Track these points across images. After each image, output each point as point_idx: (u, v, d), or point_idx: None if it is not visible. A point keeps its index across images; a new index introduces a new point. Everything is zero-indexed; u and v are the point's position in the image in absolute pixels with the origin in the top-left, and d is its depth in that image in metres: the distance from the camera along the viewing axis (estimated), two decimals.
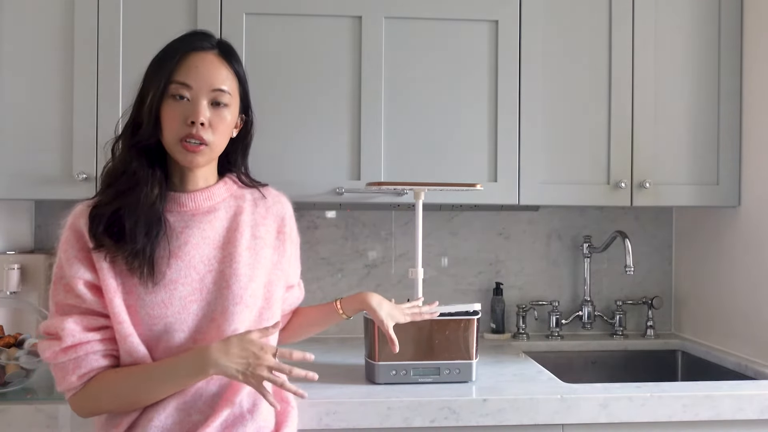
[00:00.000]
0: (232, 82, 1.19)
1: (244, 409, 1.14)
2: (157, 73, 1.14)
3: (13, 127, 1.64)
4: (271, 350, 1.07)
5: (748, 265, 1.80)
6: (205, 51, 1.17)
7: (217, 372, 1.06)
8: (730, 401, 1.42)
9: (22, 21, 1.65)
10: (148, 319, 1.11)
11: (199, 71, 1.14)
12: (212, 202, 1.21)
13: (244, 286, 1.16)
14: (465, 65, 1.74)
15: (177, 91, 1.13)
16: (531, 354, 1.88)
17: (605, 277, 2.15)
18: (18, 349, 1.43)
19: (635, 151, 1.78)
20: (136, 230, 1.10)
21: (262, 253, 1.22)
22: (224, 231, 1.19)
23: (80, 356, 1.09)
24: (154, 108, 1.13)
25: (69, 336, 1.08)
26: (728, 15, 1.81)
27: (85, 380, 1.10)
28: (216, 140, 1.16)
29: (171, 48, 1.16)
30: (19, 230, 1.91)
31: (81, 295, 1.10)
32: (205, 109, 1.14)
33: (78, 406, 1.12)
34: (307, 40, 1.70)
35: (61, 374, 1.11)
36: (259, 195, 1.28)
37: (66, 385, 1.11)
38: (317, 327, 1.42)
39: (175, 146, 1.14)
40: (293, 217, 1.33)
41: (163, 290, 1.12)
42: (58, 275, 1.12)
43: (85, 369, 1.09)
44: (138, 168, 1.14)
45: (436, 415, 1.37)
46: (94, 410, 1.12)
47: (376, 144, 1.71)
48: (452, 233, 2.09)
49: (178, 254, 1.14)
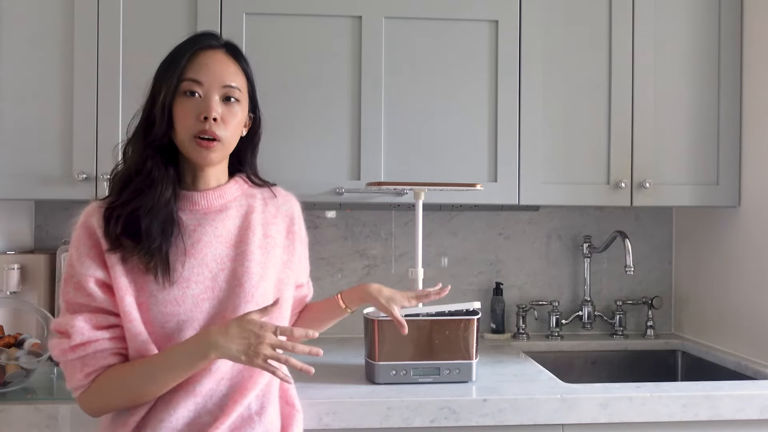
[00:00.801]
0: (242, 79, 1.20)
1: (253, 411, 1.14)
2: (167, 72, 1.15)
3: (13, 127, 1.64)
4: (271, 328, 1.06)
5: (748, 265, 1.80)
6: (214, 49, 1.18)
7: (219, 355, 1.05)
8: (730, 401, 1.42)
9: (22, 20, 1.65)
10: (161, 317, 1.11)
11: (210, 68, 1.15)
12: (224, 200, 1.21)
13: (255, 284, 1.16)
14: (465, 65, 1.74)
15: (189, 88, 1.14)
16: (531, 354, 1.88)
17: (605, 277, 2.15)
18: (18, 349, 1.44)
19: (635, 151, 1.78)
20: (152, 229, 1.11)
21: (273, 252, 1.22)
22: (236, 229, 1.20)
23: (88, 354, 1.09)
24: (166, 106, 1.14)
25: (78, 334, 1.08)
26: (728, 15, 1.82)
27: (92, 378, 1.10)
28: (228, 136, 1.17)
29: (180, 48, 1.17)
30: (19, 230, 1.91)
31: (92, 293, 1.10)
32: (218, 105, 1.15)
33: (86, 404, 1.12)
34: (307, 40, 1.70)
35: (70, 372, 1.11)
36: (269, 194, 1.29)
37: (74, 382, 1.10)
38: (323, 323, 1.42)
39: (189, 143, 1.15)
40: (302, 217, 1.33)
41: (176, 288, 1.12)
42: (69, 273, 1.12)
43: (92, 367, 1.09)
44: (153, 167, 1.14)
45: (436, 415, 1.37)
46: (103, 407, 1.12)
47: (376, 144, 1.71)
48: (452, 233, 2.09)
49: (191, 252, 1.14)
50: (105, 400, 1.11)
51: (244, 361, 1.05)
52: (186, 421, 1.10)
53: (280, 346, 1.06)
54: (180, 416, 1.10)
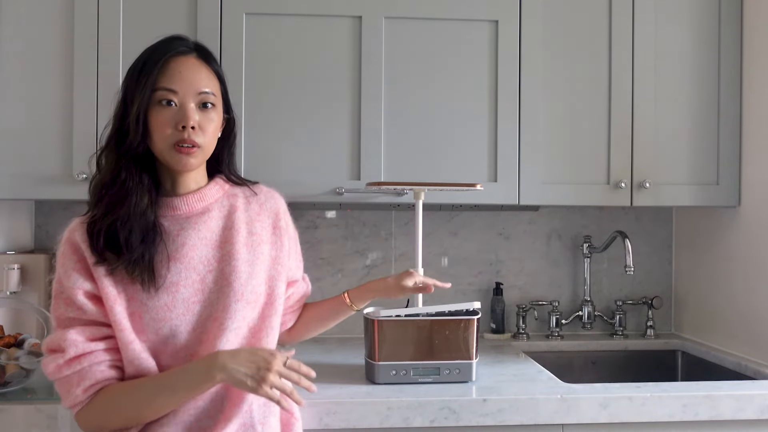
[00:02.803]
0: (215, 83, 1.19)
1: (255, 420, 1.15)
2: (139, 81, 1.13)
3: (13, 127, 1.64)
4: (282, 358, 1.07)
5: (748, 265, 1.80)
6: (186, 55, 1.17)
7: (225, 377, 1.05)
8: (730, 401, 1.42)
9: (22, 21, 1.65)
10: (153, 323, 1.11)
11: (183, 76, 1.14)
12: (205, 203, 1.21)
13: (244, 282, 1.17)
14: (465, 65, 1.74)
15: (164, 97, 1.13)
16: (531, 354, 1.88)
17: (605, 277, 2.15)
18: (18, 349, 1.43)
19: (635, 151, 1.78)
20: (131, 239, 1.10)
21: (260, 249, 1.22)
22: (220, 230, 1.20)
23: (84, 368, 1.08)
24: (141, 116, 1.12)
25: (72, 347, 1.07)
26: (728, 15, 1.82)
27: (90, 393, 1.08)
28: (207, 141, 1.17)
29: (150, 55, 1.16)
30: (19, 230, 1.91)
31: (82, 306, 1.10)
32: (194, 113, 1.14)
33: (84, 422, 1.10)
34: (307, 40, 1.70)
35: (65, 389, 1.09)
36: (250, 192, 1.29)
37: (71, 399, 1.08)
38: (327, 321, 1.42)
39: (168, 152, 1.14)
40: (288, 212, 1.33)
41: (166, 294, 1.12)
42: (58, 290, 1.12)
43: (90, 381, 1.08)
44: (127, 177, 1.13)
45: (436, 415, 1.37)
46: (102, 425, 1.10)
47: (376, 144, 1.71)
48: (452, 233, 2.09)
49: (176, 257, 1.14)
50: (105, 418, 1.09)
51: (249, 386, 1.05)
52: (187, 425, 1.11)
53: (287, 376, 1.07)
54: (180, 420, 1.10)
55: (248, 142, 1.66)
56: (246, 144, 1.66)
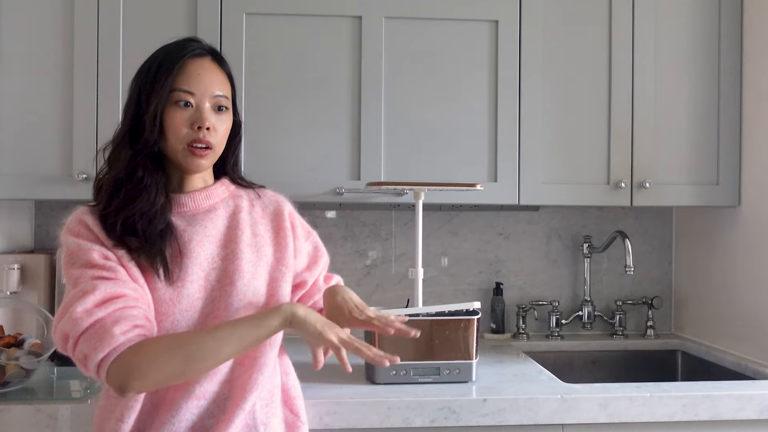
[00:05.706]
0: (228, 86, 1.22)
1: (258, 421, 1.15)
2: (156, 81, 1.14)
3: (13, 127, 1.64)
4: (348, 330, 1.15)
5: (748, 265, 1.80)
6: (202, 57, 1.19)
7: (295, 322, 1.09)
8: (730, 401, 1.42)
9: (22, 21, 1.65)
10: (156, 316, 1.10)
11: (201, 78, 1.16)
12: (211, 201, 1.23)
13: (247, 282, 1.17)
14: (465, 65, 1.74)
15: (181, 98, 1.15)
16: (531, 354, 1.88)
17: (605, 277, 2.15)
18: (18, 349, 1.43)
19: (635, 151, 1.78)
20: (150, 233, 1.11)
21: (264, 251, 1.23)
22: (225, 229, 1.21)
23: (118, 309, 1.02)
24: (158, 115, 1.14)
25: (101, 287, 1.02)
26: (728, 15, 1.81)
27: (129, 336, 1.00)
28: (219, 143, 1.19)
29: (168, 55, 1.17)
30: (19, 230, 1.91)
31: (104, 265, 1.06)
32: (210, 114, 1.17)
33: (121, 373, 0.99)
34: (307, 40, 1.70)
35: (98, 336, 0.99)
36: (254, 195, 1.30)
37: (108, 343, 0.98)
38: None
39: (182, 151, 1.16)
40: (294, 213, 1.33)
41: (172, 288, 1.12)
42: (70, 261, 1.08)
43: (129, 322, 1.00)
44: (144, 175, 1.14)
45: (436, 415, 1.37)
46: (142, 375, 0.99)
47: (376, 144, 1.71)
48: (452, 233, 2.09)
49: (183, 253, 1.14)
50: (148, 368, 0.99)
51: (318, 330, 1.10)
52: (189, 425, 1.10)
53: (350, 341, 1.12)
54: (183, 419, 1.10)
55: (248, 142, 1.66)
56: (246, 144, 1.66)
